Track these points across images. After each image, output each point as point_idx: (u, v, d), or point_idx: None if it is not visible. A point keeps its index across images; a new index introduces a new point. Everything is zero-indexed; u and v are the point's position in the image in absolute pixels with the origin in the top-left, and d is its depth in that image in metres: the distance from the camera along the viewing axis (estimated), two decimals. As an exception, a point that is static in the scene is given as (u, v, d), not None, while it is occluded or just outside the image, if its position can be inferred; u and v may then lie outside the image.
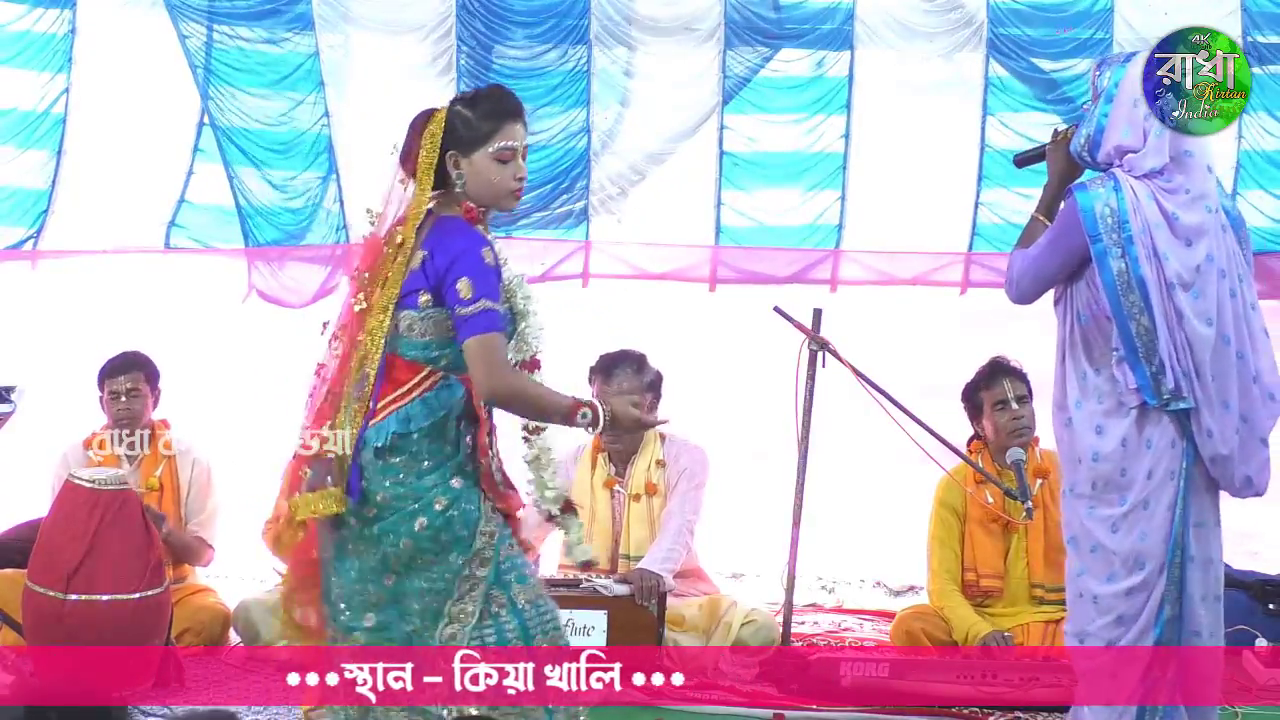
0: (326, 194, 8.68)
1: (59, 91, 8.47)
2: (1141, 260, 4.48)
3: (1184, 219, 4.52)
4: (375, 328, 4.30)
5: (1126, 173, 4.54)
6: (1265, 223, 9.00)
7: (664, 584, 6.37)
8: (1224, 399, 4.55)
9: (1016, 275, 4.72)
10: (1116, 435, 4.57)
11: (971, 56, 8.82)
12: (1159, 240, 4.50)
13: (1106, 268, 4.50)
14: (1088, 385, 4.61)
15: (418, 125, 4.37)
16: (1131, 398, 4.54)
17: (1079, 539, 4.65)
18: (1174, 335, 4.51)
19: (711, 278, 9.03)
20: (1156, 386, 4.51)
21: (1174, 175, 4.54)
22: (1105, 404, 4.58)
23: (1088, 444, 4.60)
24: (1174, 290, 4.50)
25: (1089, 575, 4.61)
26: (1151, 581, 4.56)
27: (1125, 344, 4.52)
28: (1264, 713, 6.18)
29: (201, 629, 6.46)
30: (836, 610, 7.79)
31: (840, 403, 6.86)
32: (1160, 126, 4.51)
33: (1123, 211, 4.49)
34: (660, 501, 6.72)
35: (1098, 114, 4.58)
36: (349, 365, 4.31)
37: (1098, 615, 4.61)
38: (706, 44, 8.82)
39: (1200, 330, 4.52)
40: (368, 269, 4.40)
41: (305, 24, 8.57)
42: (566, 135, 8.72)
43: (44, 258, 8.58)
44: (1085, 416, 4.61)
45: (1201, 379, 4.53)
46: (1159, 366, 4.50)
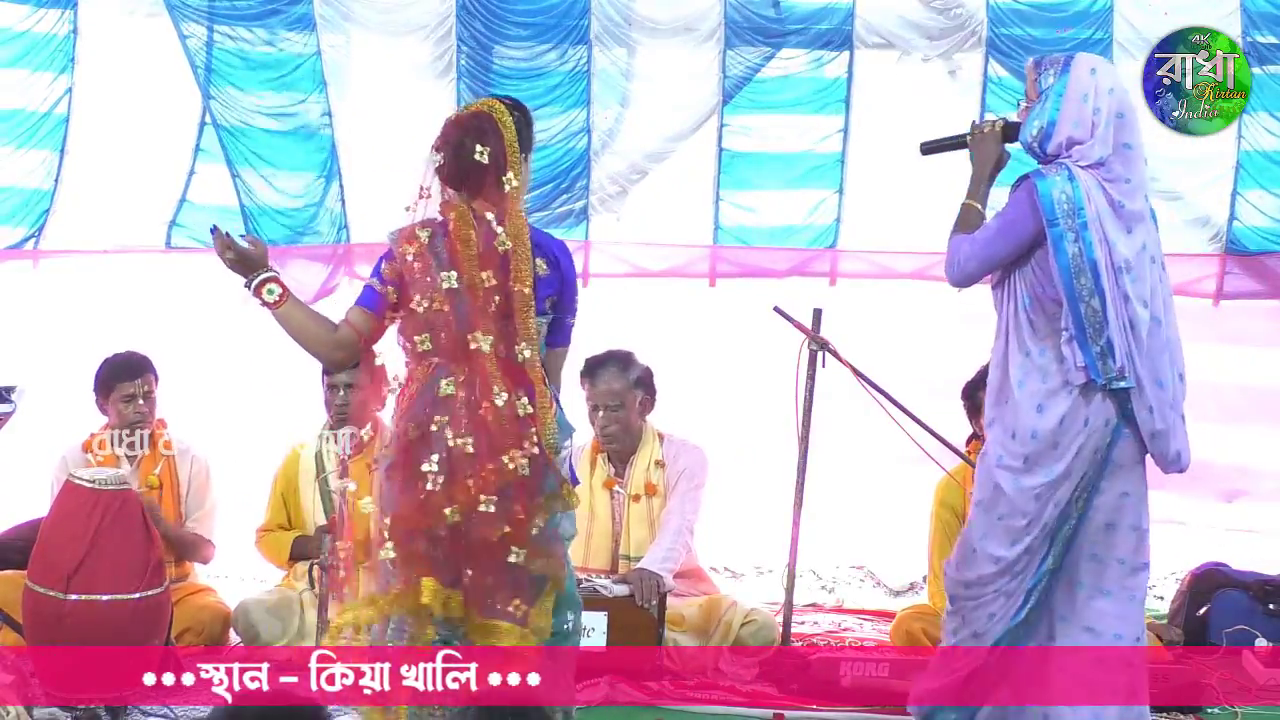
0: (328, 193, 8.68)
1: (62, 92, 8.47)
2: (1095, 244, 4.79)
3: (1127, 206, 4.85)
4: (534, 331, 4.57)
5: (1075, 163, 4.84)
6: (1265, 223, 8.98)
7: (664, 584, 6.37)
8: (1157, 377, 4.89)
9: (963, 259, 4.99)
10: (1057, 413, 4.86)
11: (971, 56, 8.81)
12: (1107, 227, 4.82)
13: (1062, 251, 4.79)
14: (1031, 365, 4.89)
15: (493, 126, 4.59)
16: (1078, 376, 4.84)
17: (988, 504, 4.96)
18: (1119, 316, 4.81)
19: (711, 273, 9.03)
20: (1103, 365, 4.81)
21: (1114, 166, 4.85)
22: (1049, 383, 4.88)
23: (1028, 422, 4.88)
24: (1120, 273, 4.82)
25: (992, 540, 4.94)
26: (1044, 540, 4.92)
27: (1075, 324, 4.81)
28: (1264, 713, 6.19)
29: (202, 629, 6.47)
30: (836, 610, 7.80)
31: (840, 402, 6.86)
32: (1106, 120, 4.84)
33: (1078, 198, 4.79)
34: (660, 502, 6.73)
35: (1049, 109, 4.88)
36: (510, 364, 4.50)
37: (994, 573, 4.94)
38: (706, 44, 8.81)
39: (1140, 312, 4.84)
40: (454, 266, 4.54)
41: (306, 24, 8.57)
42: (566, 135, 8.72)
43: (45, 257, 8.58)
44: (1028, 395, 4.88)
45: (1141, 358, 4.84)
46: (1105, 346, 4.80)
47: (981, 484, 5.02)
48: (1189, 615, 6.96)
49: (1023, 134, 4.97)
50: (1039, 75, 4.96)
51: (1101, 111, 4.85)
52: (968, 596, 5.02)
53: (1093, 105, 4.85)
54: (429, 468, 4.45)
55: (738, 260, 9.02)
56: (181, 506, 6.67)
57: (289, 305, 4.72)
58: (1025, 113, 5.00)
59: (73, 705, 5.56)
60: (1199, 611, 6.93)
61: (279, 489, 6.79)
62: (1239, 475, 9.35)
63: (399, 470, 4.51)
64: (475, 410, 4.47)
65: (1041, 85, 4.93)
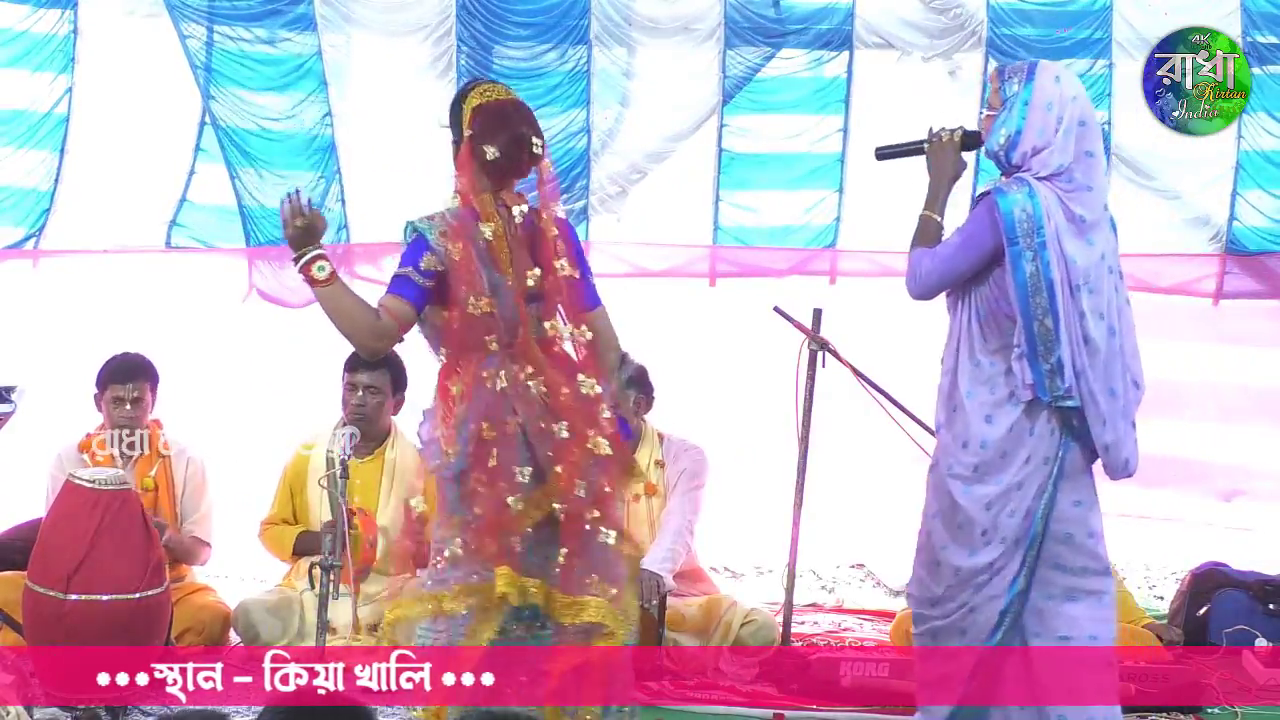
0: (328, 193, 8.68)
1: (62, 92, 8.47)
2: (1052, 264, 4.80)
3: (1087, 218, 4.86)
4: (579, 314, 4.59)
5: (1034, 174, 4.85)
6: (1265, 223, 8.98)
7: (664, 584, 6.37)
8: (1110, 386, 4.89)
9: (924, 273, 4.98)
10: (1005, 423, 4.88)
11: (971, 56, 8.81)
12: (1065, 243, 4.82)
13: (1020, 269, 4.79)
14: (980, 376, 4.91)
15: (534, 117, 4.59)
16: (1026, 392, 4.85)
17: (947, 514, 4.95)
18: (1071, 334, 4.82)
19: (711, 273, 9.03)
20: (1050, 383, 4.82)
21: (1075, 174, 4.86)
22: (997, 394, 4.89)
23: (977, 431, 4.90)
24: (1078, 291, 4.82)
25: (954, 549, 4.94)
26: (1010, 554, 4.88)
27: (1027, 342, 4.82)
28: (1264, 713, 6.19)
29: (202, 629, 6.47)
30: (836, 610, 7.80)
31: (840, 402, 6.86)
32: (1068, 128, 4.84)
33: (1038, 216, 4.79)
34: (660, 502, 6.73)
35: (1016, 117, 4.88)
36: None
37: (958, 584, 4.93)
38: (706, 44, 8.81)
39: (1095, 324, 4.84)
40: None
41: (306, 24, 8.57)
42: (566, 135, 8.72)
43: (45, 257, 8.58)
44: (976, 406, 4.91)
45: (1095, 371, 4.84)
46: (1055, 365, 4.81)
47: (937, 494, 5.02)
48: (1189, 615, 6.96)
49: (989, 142, 4.95)
50: (1003, 84, 4.94)
51: (1064, 119, 4.85)
52: (936, 615, 5.00)
53: (1056, 113, 4.85)
54: (518, 466, 4.41)
55: (738, 260, 9.03)
56: (178, 507, 6.67)
57: (337, 285, 4.47)
58: (989, 120, 4.98)
59: (73, 705, 5.56)
60: (1199, 611, 6.93)
61: (287, 483, 6.78)
62: (1239, 475, 9.35)
63: (478, 470, 4.41)
64: (556, 397, 4.44)
65: (1005, 93, 4.92)
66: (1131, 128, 8.63)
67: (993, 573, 4.90)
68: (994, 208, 4.83)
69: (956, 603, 4.95)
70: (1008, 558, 4.89)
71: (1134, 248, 8.90)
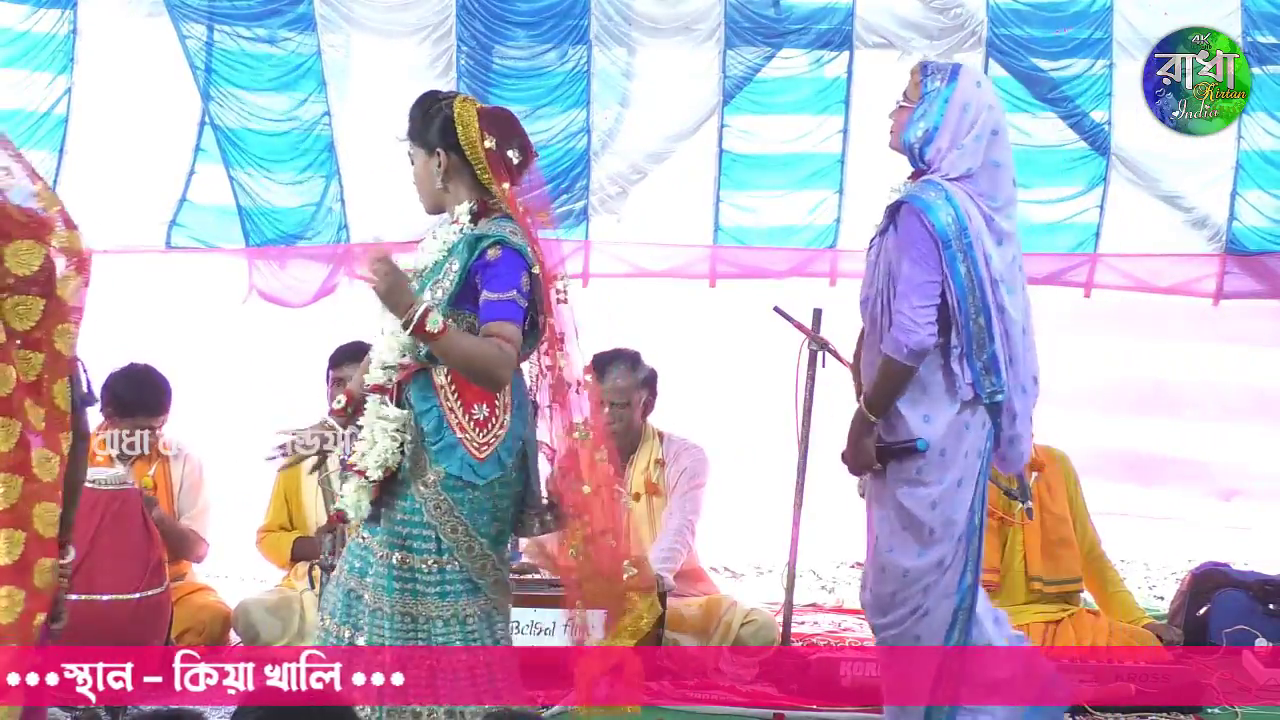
0: (328, 193, 8.68)
1: (61, 92, 8.47)
2: (979, 262, 4.84)
3: (998, 222, 4.91)
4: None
5: (944, 175, 4.89)
6: (1265, 223, 8.99)
7: (664, 584, 6.37)
8: (1022, 384, 4.97)
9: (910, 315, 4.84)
10: (943, 422, 4.91)
11: (971, 56, 8.80)
12: (985, 242, 4.86)
13: (956, 271, 4.83)
14: (916, 379, 4.89)
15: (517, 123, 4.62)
16: (967, 390, 4.89)
17: (892, 517, 4.97)
18: (996, 329, 4.87)
19: (711, 274, 9.03)
20: (985, 380, 4.87)
21: (981, 181, 4.90)
22: (932, 394, 4.90)
23: (917, 432, 4.90)
24: (998, 286, 4.87)
25: (900, 552, 4.96)
26: (956, 549, 4.93)
27: (965, 342, 4.86)
28: (1264, 713, 6.19)
29: (202, 629, 6.47)
30: (836, 610, 7.81)
31: (840, 403, 6.85)
32: (978, 133, 4.89)
33: (960, 218, 4.83)
34: (660, 501, 6.72)
35: (935, 112, 4.91)
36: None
37: (906, 585, 4.95)
38: (706, 44, 8.81)
39: (1014, 322, 4.91)
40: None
41: (306, 24, 8.57)
42: (566, 135, 8.72)
43: (45, 257, 8.57)
44: (912, 408, 4.91)
45: (1013, 368, 4.92)
46: (989, 361, 4.86)
47: (879, 499, 5.03)
48: (1189, 615, 6.96)
49: (905, 134, 4.96)
50: (925, 78, 4.97)
51: (977, 124, 4.89)
52: (890, 624, 5.00)
53: (971, 116, 4.89)
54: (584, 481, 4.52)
55: (738, 261, 9.03)
56: (175, 505, 6.67)
57: (453, 331, 4.35)
58: (903, 112, 4.99)
59: (73, 705, 5.56)
60: (1199, 611, 6.93)
61: (281, 489, 6.78)
62: (1238, 474, 9.36)
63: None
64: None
65: (927, 88, 4.95)
66: (1131, 128, 8.63)
67: (942, 571, 4.93)
68: (920, 214, 4.84)
69: (908, 608, 4.95)
70: (955, 554, 4.93)
71: (1134, 248, 8.93)
